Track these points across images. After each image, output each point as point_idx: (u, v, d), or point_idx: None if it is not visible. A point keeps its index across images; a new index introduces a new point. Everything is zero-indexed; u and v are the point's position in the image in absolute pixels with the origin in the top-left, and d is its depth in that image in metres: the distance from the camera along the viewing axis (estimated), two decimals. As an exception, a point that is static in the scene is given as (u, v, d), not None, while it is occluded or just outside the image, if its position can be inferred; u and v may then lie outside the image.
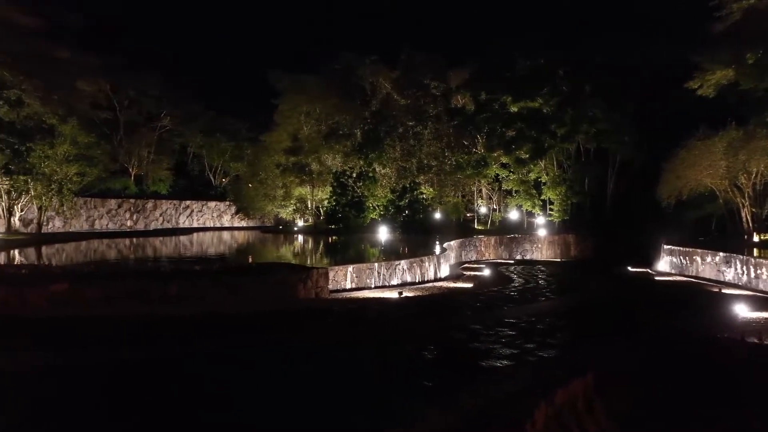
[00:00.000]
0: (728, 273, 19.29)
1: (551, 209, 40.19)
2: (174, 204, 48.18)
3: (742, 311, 11.48)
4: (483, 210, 45.12)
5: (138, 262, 21.85)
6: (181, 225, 47.72)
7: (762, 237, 27.76)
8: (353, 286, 15.88)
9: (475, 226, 42.22)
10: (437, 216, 40.65)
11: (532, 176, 40.42)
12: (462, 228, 39.58)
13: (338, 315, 10.31)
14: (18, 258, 20.48)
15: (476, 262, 28.60)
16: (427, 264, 19.51)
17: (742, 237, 28.84)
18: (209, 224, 50.61)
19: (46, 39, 36.61)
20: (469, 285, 17.76)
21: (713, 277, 20.00)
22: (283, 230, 43.93)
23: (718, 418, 4.92)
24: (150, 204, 45.96)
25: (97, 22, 50.19)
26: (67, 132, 31.29)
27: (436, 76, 41.83)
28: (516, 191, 41.40)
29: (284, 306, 11.19)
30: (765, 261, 17.59)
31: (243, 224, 51.86)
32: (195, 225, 49.06)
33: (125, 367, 6.18)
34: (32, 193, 31.30)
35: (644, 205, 34.76)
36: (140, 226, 44.10)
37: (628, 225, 35.11)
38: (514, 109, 39.72)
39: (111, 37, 52.08)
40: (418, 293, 15.06)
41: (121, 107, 46.84)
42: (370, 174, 40.22)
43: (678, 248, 23.95)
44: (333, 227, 38.86)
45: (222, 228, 50.03)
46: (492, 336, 8.22)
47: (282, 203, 45.74)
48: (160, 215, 46.68)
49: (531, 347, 7.47)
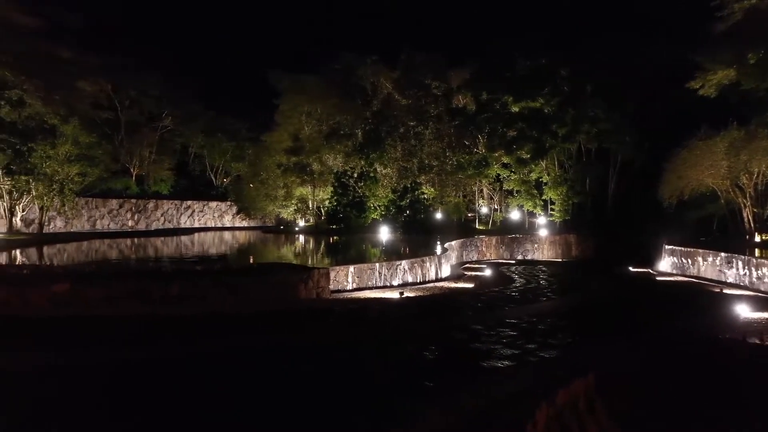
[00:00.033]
0: (730, 273, 19.27)
1: (552, 209, 40.17)
2: (175, 204, 48.24)
3: (744, 312, 11.47)
4: (484, 210, 45.12)
5: (139, 263, 21.86)
6: (183, 225, 47.77)
7: (764, 237, 27.74)
8: (354, 287, 15.86)
9: (477, 226, 42.21)
10: (438, 216, 40.65)
11: (534, 176, 40.41)
12: (463, 228, 39.58)
13: (339, 315, 10.30)
14: (20, 258, 20.51)
15: (477, 263, 28.59)
16: (428, 264, 19.49)
17: (744, 237, 28.81)
18: (210, 224, 50.66)
19: (47, 39, 36.72)
20: (471, 285, 17.75)
21: (715, 278, 19.98)
22: (285, 230, 43.90)
23: (720, 419, 4.92)
24: (151, 204, 46.02)
25: (97, 22, 50.41)
26: (69, 132, 31.36)
27: (437, 76, 41.82)
28: (517, 191, 41.39)
29: (285, 306, 11.17)
30: (767, 261, 17.56)
31: (244, 224, 51.90)
32: (196, 225, 49.13)
33: (126, 367, 6.18)
34: (34, 194, 31.36)
35: (645, 205, 34.75)
36: (141, 227, 44.16)
37: (630, 225, 35.10)
38: (515, 109, 39.71)
39: (111, 37, 52.24)
40: (420, 293, 15.04)
41: (122, 107, 46.93)
42: (371, 174, 40.23)
43: (679, 248, 23.92)
44: (334, 227, 38.85)
45: (223, 228, 50.07)
46: (493, 336, 8.21)
47: (283, 203, 45.75)
48: (162, 215, 46.74)
49: (532, 347, 7.45)
